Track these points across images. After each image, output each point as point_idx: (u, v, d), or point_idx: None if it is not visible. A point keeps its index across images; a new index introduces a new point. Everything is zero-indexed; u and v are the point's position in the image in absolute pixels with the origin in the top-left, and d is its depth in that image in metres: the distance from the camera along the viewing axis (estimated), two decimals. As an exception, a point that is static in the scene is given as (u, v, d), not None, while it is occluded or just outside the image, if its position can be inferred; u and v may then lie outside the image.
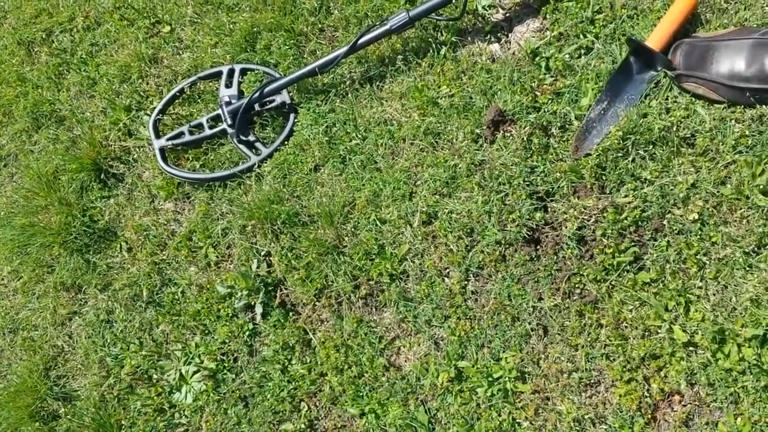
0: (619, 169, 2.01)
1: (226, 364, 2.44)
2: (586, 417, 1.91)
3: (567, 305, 2.02)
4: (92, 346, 2.71)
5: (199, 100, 2.91)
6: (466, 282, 2.16)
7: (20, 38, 3.58)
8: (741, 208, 1.87)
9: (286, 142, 2.62)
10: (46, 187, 3.02)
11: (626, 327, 1.94)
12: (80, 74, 3.27)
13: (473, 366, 2.07)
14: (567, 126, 2.16)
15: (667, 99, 2.05)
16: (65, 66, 3.37)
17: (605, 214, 1.98)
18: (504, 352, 2.05)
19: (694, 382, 1.84)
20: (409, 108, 2.42)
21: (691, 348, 1.84)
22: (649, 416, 1.86)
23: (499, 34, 2.44)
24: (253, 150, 2.67)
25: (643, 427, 1.85)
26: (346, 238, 2.36)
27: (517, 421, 1.99)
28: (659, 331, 1.88)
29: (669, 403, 1.86)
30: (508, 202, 2.13)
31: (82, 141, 3.05)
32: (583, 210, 2.03)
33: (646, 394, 1.87)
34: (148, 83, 3.07)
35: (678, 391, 1.85)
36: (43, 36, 3.52)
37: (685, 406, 1.84)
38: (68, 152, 3.07)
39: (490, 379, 2.03)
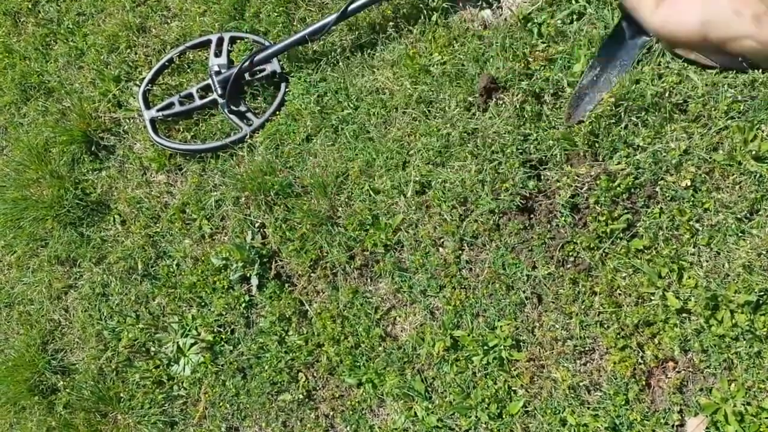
0: (612, 135, 2.01)
1: (224, 336, 2.45)
2: (581, 384, 1.93)
3: (561, 273, 2.03)
4: (89, 319, 2.72)
5: (188, 70, 2.89)
6: (460, 251, 2.16)
7: (6, 9, 3.54)
8: (733, 174, 1.87)
9: (277, 112, 2.60)
10: (37, 160, 3.00)
11: (620, 294, 1.95)
12: (68, 44, 3.24)
13: (469, 335, 2.08)
14: (560, 93, 2.15)
15: (659, 65, 2.03)
16: (52, 36, 3.34)
17: (598, 182, 1.98)
18: (499, 320, 2.07)
19: (687, 348, 1.85)
20: (401, 76, 2.40)
21: (684, 314, 1.85)
22: (644, 383, 1.88)
23: (491, 0, 2.41)
24: (245, 120, 2.65)
25: (637, 393, 1.87)
26: (340, 209, 2.36)
27: (513, 388, 2.01)
28: (653, 298, 1.88)
29: (663, 370, 1.88)
30: (501, 171, 2.12)
31: (71, 113, 3.03)
32: (576, 178, 2.03)
33: (640, 360, 1.88)
34: (136, 53, 3.04)
35: (672, 358, 1.87)
36: (29, 6, 3.47)
37: (679, 372, 1.86)
38: (58, 124, 3.05)
39: (485, 347, 2.04)
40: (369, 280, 2.30)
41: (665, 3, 1.95)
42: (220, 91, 2.65)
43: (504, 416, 2.00)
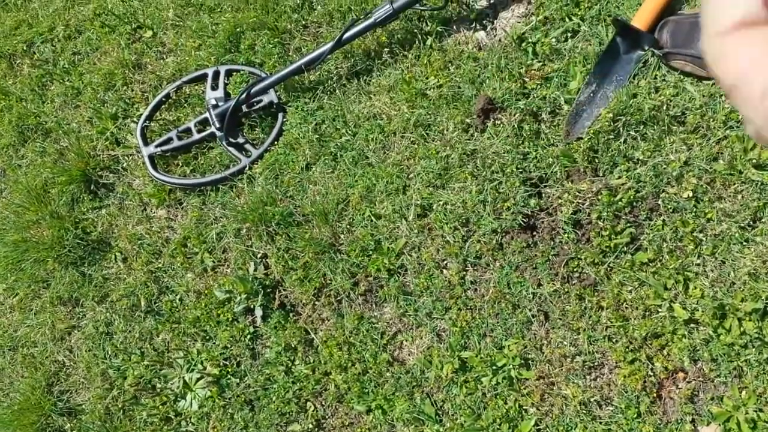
0: (612, 150, 2.01)
1: (230, 369, 2.43)
2: (592, 399, 1.92)
3: (566, 290, 2.02)
4: (93, 359, 2.70)
5: (185, 104, 2.90)
6: (464, 272, 2.16)
7: (1, 51, 3.55)
8: (734, 183, 1.87)
9: (276, 142, 2.61)
10: (37, 202, 3.00)
11: (627, 308, 1.94)
12: (64, 84, 3.25)
13: (477, 356, 2.07)
14: (557, 111, 2.16)
15: (655, 78, 2.05)
16: (48, 77, 3.35)
17: (600, 197, 1.98)
18: (506, 340, 2.06)
19: (697, 358, 1.84)
20: (397, 101, 2.41)
21: (692, 325, 1.85)
22: (655, 395, 1.87)
23: (484, 22, 2.43)
24: (243, 152, 2.66)
25: (648, 405, 1.86)
26: (342, 236, 2.36)
27: (524, 407, 2.00)
28: (660, 310, 1.88)
29: (673, 381, 1.87)
30: (502, 190, 2.13)
31: (69, 152, 3.03)
32: (577, 194, 2.03)
33: (650, 373, 1.87)
34: (133, 90, 3.05)
35: (682, 369, 1.86)
36: (24, 47, 3.49)
37: (689, 382, 1.85)
38: (56, 164, 3.06)
39: (494, 367, 2.03)
40: (374, 305, 2.29)
41: None
42: (217, 124, 2.66)
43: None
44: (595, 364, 1.95)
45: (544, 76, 2.19)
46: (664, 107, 1.97)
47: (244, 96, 2.61)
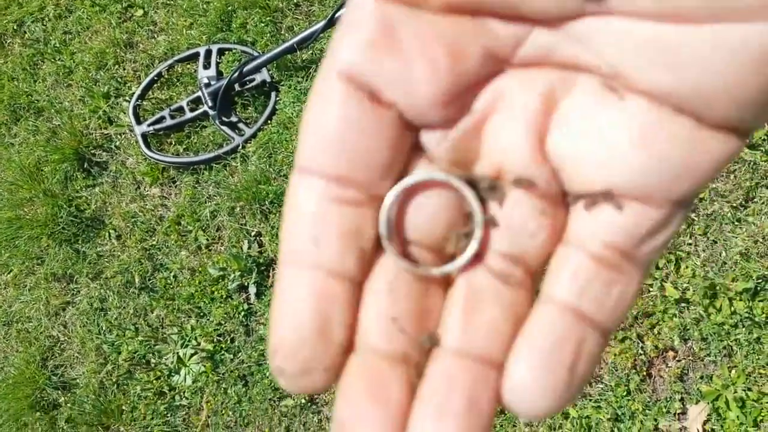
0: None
1: (224, 345, 2.45)
2: (583, 377, 1.94)
3: (559, 269, 2.04)
4: (88, 334, 2.72)
5: (178, 83, 2.89)
6: (457, 251, 2.17)
7: (-8, 30, 3.54)
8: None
9: (269, 121, 2.61)
10: (30, 180, 3.00)
11: (618, 287, 1.96)
12: (55, 63, 3.24)
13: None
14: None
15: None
16: (39, 56, 3.34)
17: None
18: (499, 318, 2.07)
19: (687, 337, 1.87)
20: (390, 80, 2.41)
21: (683, 304, 1.87)
22: (645, 373, 1.89)
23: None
24: (237, 131, 2.66)
25: (638, 383, 1.88)
26: (336, 214, 2.36)
27: (516, 385, 2.02)
28: (651, 289, 1.90)
29: (663, 360, 1.90)
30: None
31: (62, 131, 3.03)
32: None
33: (640, 351, 1.90)
34: (124, 69, 3.05)
35: (672, 347, 1.88)
36: (15, 27, 3.47)
37: (679, 361, 1.87)
38: (49, 143, 3.05)
39: (486, 345, 2.05)
40: (367, 283, 2.31)
41: None
42: (210, 103, 2.66)
43: (507, 413, 2.01)
44: (586, 342, 1.97)
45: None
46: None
47: (236, 75, 2.61)
